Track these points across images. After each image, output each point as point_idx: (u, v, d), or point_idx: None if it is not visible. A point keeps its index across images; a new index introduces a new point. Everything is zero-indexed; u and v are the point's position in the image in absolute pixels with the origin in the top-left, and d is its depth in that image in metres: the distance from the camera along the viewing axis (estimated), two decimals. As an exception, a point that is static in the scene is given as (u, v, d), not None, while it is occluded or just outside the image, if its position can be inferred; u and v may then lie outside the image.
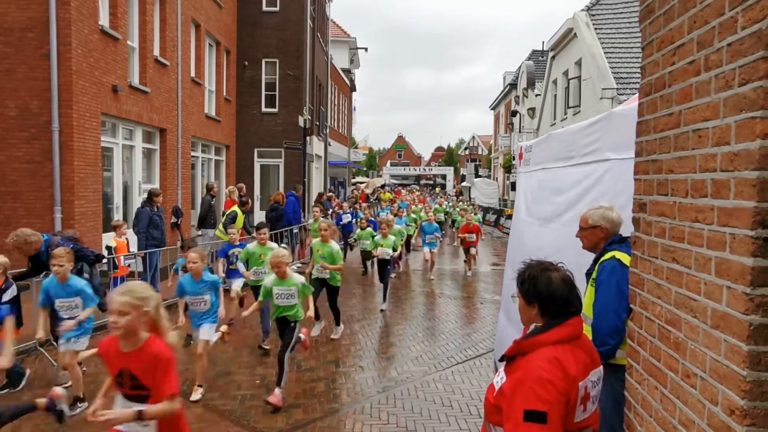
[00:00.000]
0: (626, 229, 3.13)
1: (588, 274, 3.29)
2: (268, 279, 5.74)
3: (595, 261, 3.25)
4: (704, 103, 1.87)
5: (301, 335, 5.89)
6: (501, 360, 2.19)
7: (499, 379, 2.14)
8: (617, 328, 2.97)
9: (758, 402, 1.57)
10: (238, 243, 8.33)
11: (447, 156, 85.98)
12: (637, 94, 2.81)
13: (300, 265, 12.01)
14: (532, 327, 2.20)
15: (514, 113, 31.74)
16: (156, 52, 14.04)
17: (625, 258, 3.08)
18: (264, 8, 20.63)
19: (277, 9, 20.68)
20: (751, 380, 1.57)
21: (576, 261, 3.68)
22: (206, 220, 11.62)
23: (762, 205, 1.56)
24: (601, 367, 2.28)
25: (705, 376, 1.80)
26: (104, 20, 11.47)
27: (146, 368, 2.71)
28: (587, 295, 3.24)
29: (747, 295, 1.58)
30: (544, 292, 2.15)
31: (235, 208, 11.19)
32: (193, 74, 16.55)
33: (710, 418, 1.76)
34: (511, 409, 1.96)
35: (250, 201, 12.13)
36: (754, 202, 1.57)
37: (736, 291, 1.63)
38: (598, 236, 3.33)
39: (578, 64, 20.52)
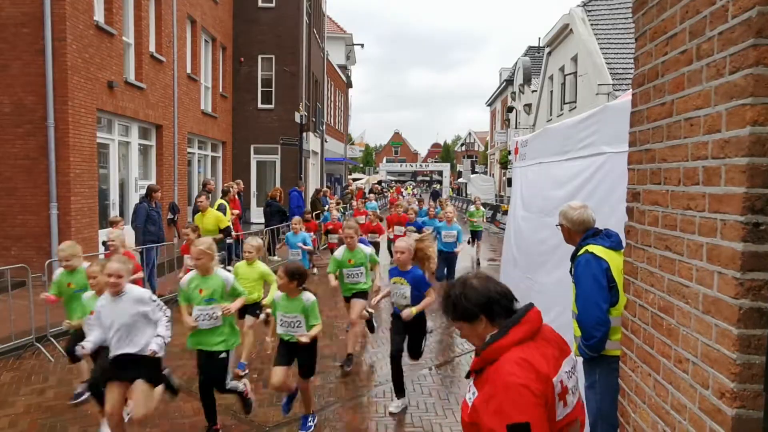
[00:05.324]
0: (621, 225, 3.15)
1: (571, 272, 3.35)
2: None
3: (572, 258, 3.30)
4: (696, 92, 1.89)
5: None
6: (467, 377, 2.02)
7: (471, 395, 1.94)
8: (601, 320, 3.00)
9: (747, 384, 1.60)
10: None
11: (443, 152, 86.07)
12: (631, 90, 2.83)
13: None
14: (487, 337, 1.99)
15: (510, 109, 31.82)
16: (152, 48, 14.00)
17: (598, 250, 3.12)
18: (260, 4, 20.59)
19: (272, 5, 20.64)
20: (741, 363, 1.60)
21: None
22: None
23: (752, 190, 1.58)
24: (573, 354, 2.14)
25: (697, 360, 1.83)
26: (99, 16, 11.43)
27: None
28: (573, 292, 3.28)
29: (737, 280, 1.61)
30: (481, 298, 2.00)
31: (220, 200, 11.14)
32: (189, 70, 16.51)
33: (701, 401, 1.79)
34: (492, 427, 1.79)
35: (231, 190, 12.07)
36: (744, 188, 1.59)
37: (727, 276, 1.66)
38: (565, 233, 3.45)
39: (574, 59, 20.56)
